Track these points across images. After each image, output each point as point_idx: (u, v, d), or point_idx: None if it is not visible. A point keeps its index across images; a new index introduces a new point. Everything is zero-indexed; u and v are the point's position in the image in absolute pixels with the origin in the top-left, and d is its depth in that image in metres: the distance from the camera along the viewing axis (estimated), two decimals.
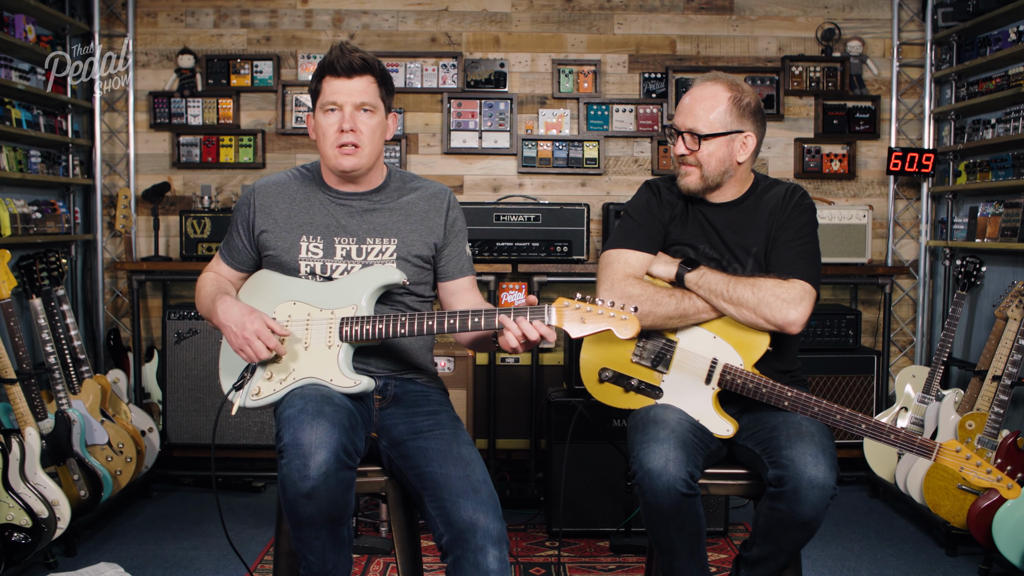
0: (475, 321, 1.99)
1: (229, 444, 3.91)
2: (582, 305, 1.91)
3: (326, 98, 2.12)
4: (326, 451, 1.83)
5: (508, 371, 3.97)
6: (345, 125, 2.11)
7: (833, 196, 4.44)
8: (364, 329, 2.05)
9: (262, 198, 2.21)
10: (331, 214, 2.19)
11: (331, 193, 2.21)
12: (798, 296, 2.12)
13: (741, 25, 4.41)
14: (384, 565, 3.19)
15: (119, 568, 2.99)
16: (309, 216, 2.19)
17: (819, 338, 3.98)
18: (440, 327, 2.02)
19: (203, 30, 4.36)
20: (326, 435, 1.84)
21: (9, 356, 3.15)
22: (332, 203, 2.20)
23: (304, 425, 1.85)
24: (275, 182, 2.24)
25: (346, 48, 2.12)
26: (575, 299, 1.93)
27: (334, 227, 2.18)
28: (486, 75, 4.35)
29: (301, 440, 1.83)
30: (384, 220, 2.20)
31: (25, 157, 3.70)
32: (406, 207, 2.22)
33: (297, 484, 1.82)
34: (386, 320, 2.04)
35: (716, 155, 2.21)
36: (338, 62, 2.11)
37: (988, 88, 3.84)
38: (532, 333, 1.93)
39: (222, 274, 2.29)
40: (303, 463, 1.81)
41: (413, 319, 2.03)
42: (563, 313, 1.92)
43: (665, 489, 1.96)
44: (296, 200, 2.21)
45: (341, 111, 2.12)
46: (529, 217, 3.96)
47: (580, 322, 1.90)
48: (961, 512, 3.18)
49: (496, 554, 1.87)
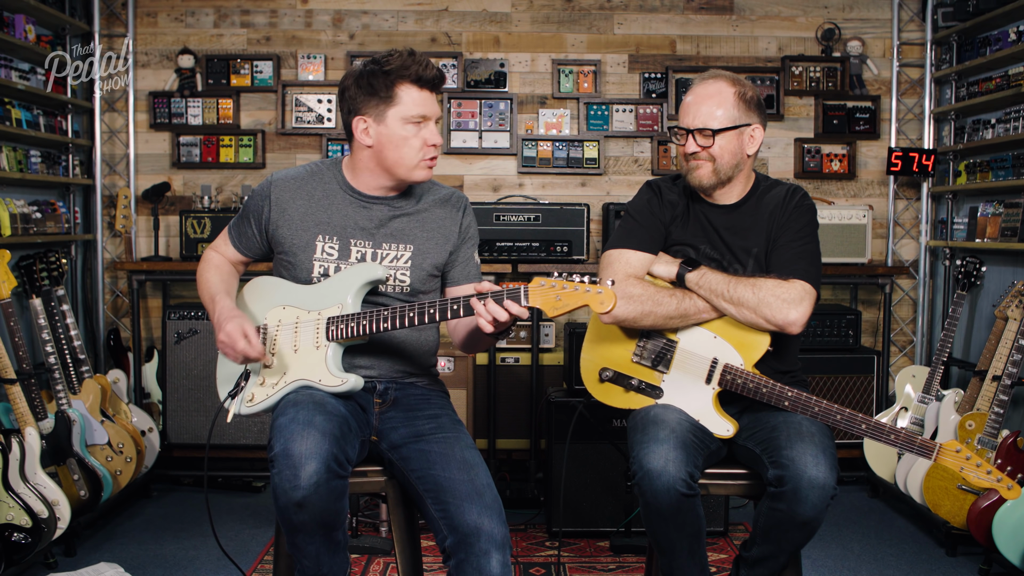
0: (454, 309, 1.97)
1: (229, 444, 3.91)
2: (557, 283, 1.87)
3: (412, 110, 2.07)
4: (316, 461, 1.82)
5: (508, 371, 3.97)
6: (436, 139, 2.11)
7: (833, 196, 4.44)
8: (349, 327, 2.04)
9: (279, 192, 2.18)
10: (349, 215, 2.16)
11: (354, 195, 2.18)
12: (798, 296, 2.12)
13: (741, 25, 4.41)
14: (384, 565, 3.19)
15: (119, 568, 2.99)
16: (327, 216, 2.16)
17: (819, 338, 3.98)
18: (422, 318, 2.00)
19: (203, 30, 4.36)
20: (316, 445, 1.83)
21: (9, 356, 3.15)
22: (351, 204, 2.17)
23: (295, 435, 1.84)
24: (294, 177, 2.20)
25: (425, 59, 2.08)
26: (551, 277, 1.89)
27: (351, 228, 2.16)
28: (486, 75, 4.35)
29: (291, 450, 1.82)
30: (402, 226, 2.18)
31: (25, 157, 3.69)
32: (423, 214, 2.21)
33: (288, 494, 1.82)
34: (370, 316, 2.03)
35: (728, 148, 2.21)
36: (427, 75, 2.07)
37: (988, 88, 3.84)
38: (501, 315, 1.90)
39: (227, 256, 2.28)
40: (293, 473, 1.81)
41: (395, 313, 2.02)
42: (537, 292, 1.88)
43: (665, 489, 1.96)
44: (315, 198, 2.18)
45: (426, 124, 2.09)
46: (529, 217, 3.96)
47: (555, 300, 1.87)
48: (961, 512, 3.18)
49: (500, 558, 1.88)
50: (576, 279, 1.87)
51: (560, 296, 1.87)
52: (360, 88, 2.09)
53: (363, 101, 2.09)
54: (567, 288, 1.86)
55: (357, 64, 2.17)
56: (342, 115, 2.16)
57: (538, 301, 1.88)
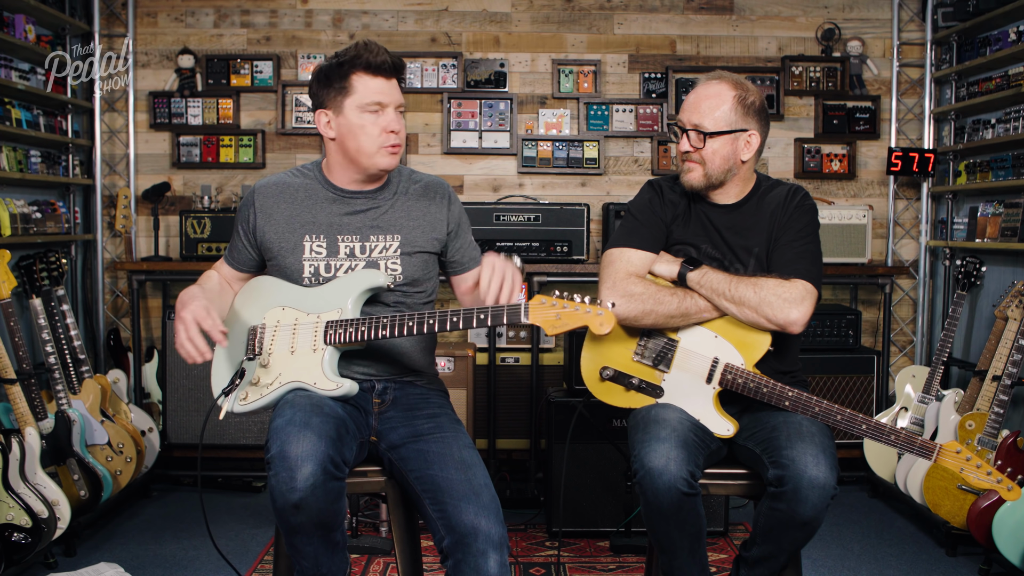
0: (454, 321, 1.99)
1: (229, 444, 3.91)
2: (558, 302, 1.90)
3: (367, 97, 2.09)
4: (312, 464, 1.82)
5: (508, 371, 3.97)
6: (395, 126, 2.11)
7: (833, 196, 4.44)
8: (347, 332, 2.05)
9: (263, 199, 2.20)
10: (333, 212, 2.18)
11: (335, 191, 2.20)
12: (800, 296, 2.12)
13: (741, 25, 4.41)
14: (384, 565, 3.19)
15: (119, 568, 2.99)
16: (312, 215, 2.18)
17: (819, 338, 3.98)
18: (420, 328, 2.02)
19: (203, 30, 4.36)
20: (312, 447, 1.84)
21: (9, 356, 3.15)
22: (334, 202, 2.19)
23: (291, 437, 1.85)
24: (275, 183, 2.23)
25: (378, 47, 2.10)
26: (552, 296, 1.92)
27: (337, 225, 2.17)
28: (486, 75, 4.35)
29: (288, 453, 1.83)
30: (386, 216, 2.19)
31: (25, 157, 3.69)
32: (408, 203, 2.22)
33: (285, 496, 1.82)
34: (368, 323, 2.04)
35: (720, 153, 2.21)
36: (376, 60, 2.09)
37: (988, 88, 3.84)
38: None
39: (223, 274, 2.30)
40: (289, 476, 1.82)
41: (394, 321, 2.03)
42: (538, 310, 1.91)
43: (666, 488, 1.96)
44: (298, 199, 2.20)
45: (383, 111, 2.11)
46: (529, 217, 3.96)
47: (555, 318, 1.90)
48: (961, 512, 3.18)
49: (497, 558, 1.87)
50: (577, 299, 1.91)
51: (560, 315, 1.90)
52: (320, 82, 2.14)
53: (324, 95, 2.13)
54: (567, 308, 1.90)
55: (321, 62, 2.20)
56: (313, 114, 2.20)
57: (538, 319, 1.91)
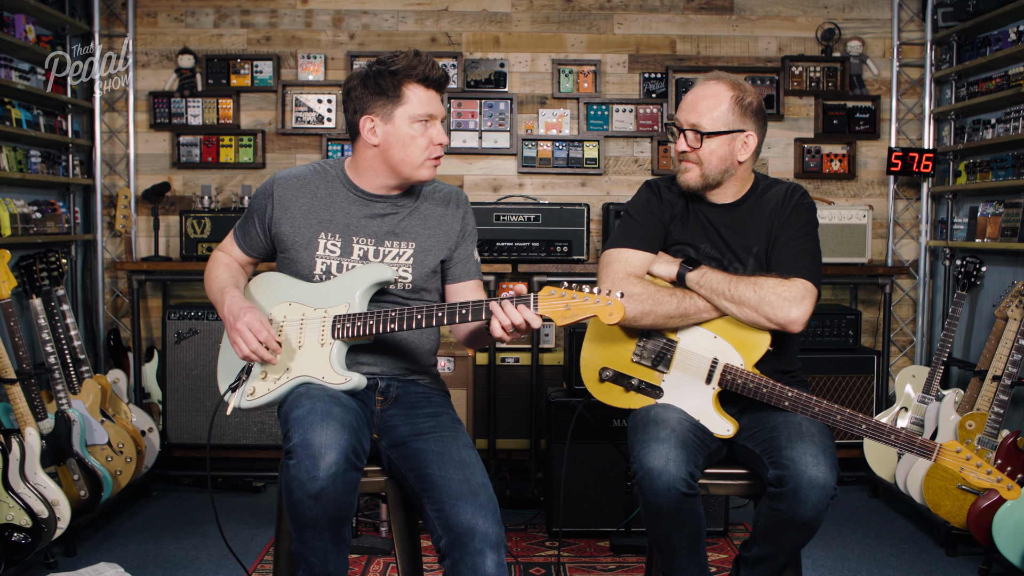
0: (463, 313, 1.99)
1: (229, 444, 3.91)
2: (567, 293, 1.91)
3: (419, 109, 2.09)
4: (336, 452, 1.83)
5: (508, 371, 3.97)
6: (443, 139, 2.13)
7: (833, 196, 4.44)
8: (356, 326, 2.05)
9: (282, 191, 2.20)
10: (352, 214, 2.18)
11: (357, 193, 2.19)
12: (800, 295, 2.12)
13: (741, 25, 4.41)
14: (384, 565, 3.19)
15: (119, 568, 2.99)
16: (330, 213, 2.18)
17: (819, 338, 3.98)
18: (429, 321, 2.02)
19: (203, 30, 4.36)
20: (336, 436, 1.85)
21: (9, 356, 3.15)
22: (354, 202, 2.19)
23: (314, 425, 1.86)
24: (297, 176, 2.22)
25: (431, 59, 2.10)
26: (561, 287, 1.93)
27: (354, 226, 2.17)
28: (486, 75, 4.35)
29: (311, 440, 1.83)
30: (404, 224, 2.20)
31: (25, 157, 3.69)
32: (425, 211, 2.22)
33: (305, 485, 1.82)
34: (377, 316, 2.04)
35: (717, 153, 2.21)
36: (433, 75, 2.09)
37: (988, 88, 3.84)
38: (516, 317, 1.93)
39: (234, 257, 2.30)
40: (313, 464, 1.82)
41: (402, 314, 2.03)
42: (547, 301, 1.92)
43: (665, 488, 1.96)
44: (317, 196, 2.19)
45: (432, 123, 2.11)
46: (529, 217, 3.96)
47: (564, 309, 1.91)
48: (961, 512, 3.18)
49: (494, 558, 1.87)
50: (586, 289, 1.91)
51: (569, 305, 1.91)
52: (367, 88, 2.11)
53: (370, 101, 2.11)
54: (576, 298, 1.91)
55: (362, 65, 2.19)
56: (347, 115, 2.17)
57: (547, 310, 1.92)
